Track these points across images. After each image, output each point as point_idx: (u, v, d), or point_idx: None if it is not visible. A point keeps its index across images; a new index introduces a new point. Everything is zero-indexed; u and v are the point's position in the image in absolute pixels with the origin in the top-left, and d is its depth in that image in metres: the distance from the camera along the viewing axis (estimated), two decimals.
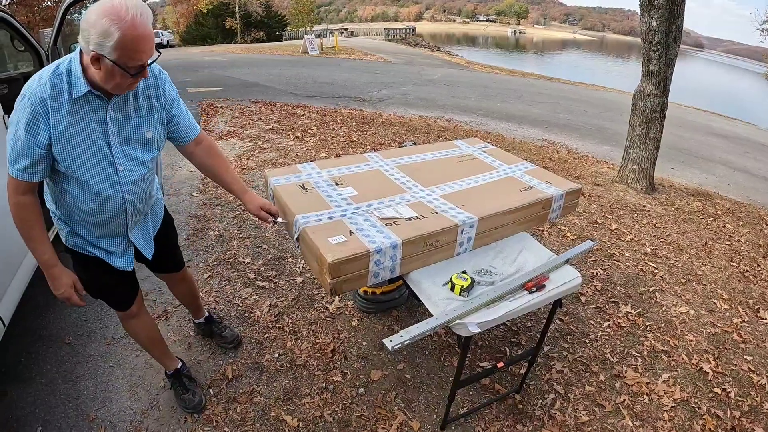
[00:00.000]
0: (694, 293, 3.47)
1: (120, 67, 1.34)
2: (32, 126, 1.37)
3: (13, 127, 1.39)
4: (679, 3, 5.04)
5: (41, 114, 1.37)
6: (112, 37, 1.28)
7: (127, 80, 1.40)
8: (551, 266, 1.93)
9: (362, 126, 7.18)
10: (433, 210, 1.97)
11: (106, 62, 1.33)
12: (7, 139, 1.42)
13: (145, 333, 2.07)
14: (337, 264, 1.59)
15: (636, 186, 5.57)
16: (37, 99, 1.36)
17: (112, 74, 1.36)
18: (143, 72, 1.41)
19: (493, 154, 2.73)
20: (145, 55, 1.37)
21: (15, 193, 1.46)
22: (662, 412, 2.39)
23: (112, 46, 1.30)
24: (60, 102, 1.39)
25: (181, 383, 2.18)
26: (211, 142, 1.90)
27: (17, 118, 1.38)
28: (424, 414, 2.21)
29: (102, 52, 1.31)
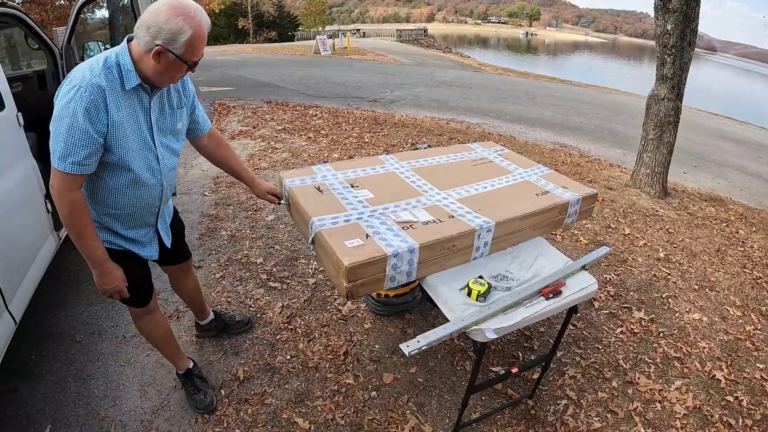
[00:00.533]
0: (707, 300, 3.44)
1: (183, 61, 1.48)
2: (93, 113, 1.41)
3: (67, 119, 1.40)
4: (693, 6, 5.00)
5: (100, 101, 1.42)
6: (186, 34, 1.42)
7: (181, 74, 1.55)
8: (568, 272, 1.92)
9: (374, 127, 7.18)
10: (450, 214, 1.97)
11: (170, 56, 1.45)
12: (55, 134, 1.43)
13: (159, 331, 2.09)
14: (354, 268, 1.59)
15: (649, 190, 5.52)
16: (95, 87, 1.41)
17: (172, 68, 1.49)
18: (194, 68, 1.55)
19: (508, 158, 2.72)
20: (201, 53, 1.52)
21: (69, 190, 1.48)
22: (674, 419, 2.37)
23: (183, 42, 1.43)
24: (114, 92, 1.47)
25: (192, 383, 2.20)
26: (220, 135, 2.04)
27: (73, 109, 1.39)
28: (437, 418, 2.21)
29: (170, 47, 1.43)
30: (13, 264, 2.11)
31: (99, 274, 1.64)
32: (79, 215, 1.52)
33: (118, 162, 1.53)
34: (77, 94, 1.40)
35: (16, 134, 2.38)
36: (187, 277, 2.31)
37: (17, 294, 2.10)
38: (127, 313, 2.69)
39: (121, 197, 1.62)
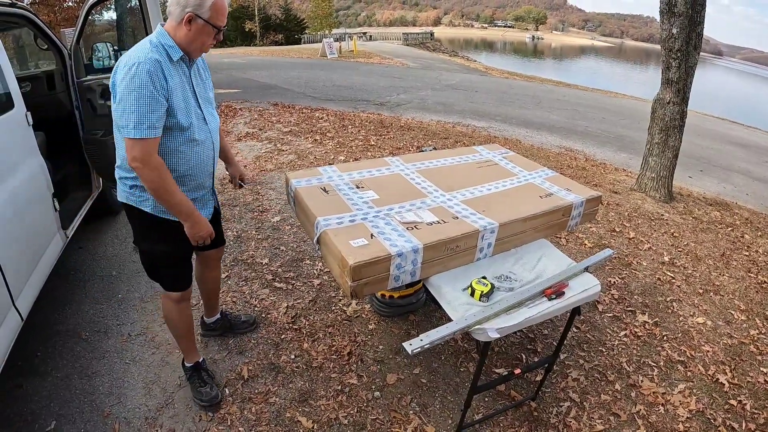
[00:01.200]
0: (712, 304, 3.44)
1: (211, 25, 1.71)
2: (156, 80, 1.62)
3: (135, 91, 1.59)
4: (699, 10, 5.01)
5: (160, 71, 1.64)
6: (209, 1, 1.67)
7: (210, 40, 1.76)
8: (570, 273, 1.93)
9: (380, 130, 7.21)
10: (454, 215, 1.99)
11: (199, 22, 1.69)
12: (125, 110, 1.60)
13: (187, 321, 2.20)
14: (358, 267, 1.61)
15: (654, 194, 5.52)
16: (153, 60, 1.63)
17: (202, 33, 1.72)
18: (220, 34, 1.78)
19: (513, 161, 2.73)
20: (225, 20, 1.76)
21: (151, 155, 1.66)
22: (677, 422, 2.37)
23: (209, 6, 1.68)
24: (166, 63, 1.68)
25: (200, 376, 2.25)
26: None
27: (138, 81, 1.59)
28: (439, 419, 2.22)
29: (198, 12, 1.67)
30: (20, 261, 2.14)
31: (192, 224, 1.84)
32: (165, 176, 1.70)
33: (176, 124, 1.73)
34: (140, 69, 1.59)
35: (25, 133, 2.42)
36: (216, 266, 2.41)
37: (24, 291, 2.13)
38: (132, 311, 2.76)
39: (181, 157, 1.81)
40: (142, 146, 1.62)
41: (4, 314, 1.92)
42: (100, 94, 3.19)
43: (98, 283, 3.04)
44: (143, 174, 1.67)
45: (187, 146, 1.81)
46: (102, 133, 3.17)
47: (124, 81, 1.60)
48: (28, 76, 3.33)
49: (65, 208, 2.78)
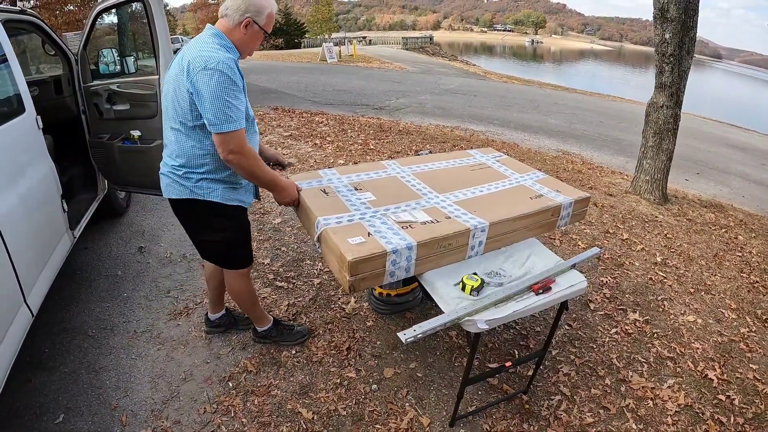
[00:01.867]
0: (703, 303, 3.51)
1: (264, 31, 1.92)
2: (236, 78, 1.79)
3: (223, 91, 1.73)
4: (692, 15, 5.10)
5: (236, 69, 1.80)
6: (267, 9, 1.89)
7: (258, 43, 1.97)
8: (558, 270, 2.02)
9: (380, 134, 7.31)
10: (447, 215, 2.08)
11: (255, 27, 1.89)
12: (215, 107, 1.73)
13: (253, 290, 2.45)
14: (356, 262, 1.71)
15: (649, 197, 5.61)
16: (232, 62, 1.78)
17: (255, 37, 1.92)
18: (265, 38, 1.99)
19: (506, 164, 2.83)
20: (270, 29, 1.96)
21: (244, 144, 1.83)
22: (666, 416, 2.44)
23: (266, 15, 1.89)
24: (237, 63, 1.85)
25: (283, 327, 2.61)
26: None
27: (224, 81, 1.73)
28: (434, 411, 2.30)
29: (256, 18, 1.86)
30: (31, 259, 2.23)
31: (280, 190, 2.07)
32: (256, 159, 1.90)
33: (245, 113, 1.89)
34: (217, 72, 1.72)
35: (35, 136, 2.51)
36: None
37: (35, 288, 2.21)
38: (138, 309, 2.86)
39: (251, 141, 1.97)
40: (238, 138, 1.79)
41: (16, 310, 2.00)
42: (106, 98, 3.26)
43: (104, 283, 3.13)
44: (241, 162, 1.84)
45: (250, 137, 1.97)
46: (108, 136, 3.26)
47: (211, 82, 1.71)
48: (36, 81, 3.42)
49: (72, 209, 2.87)
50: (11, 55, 2.37)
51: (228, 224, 2.10)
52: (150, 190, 3.45)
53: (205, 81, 1.71)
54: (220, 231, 2.10)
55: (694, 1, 5.09)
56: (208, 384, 2.35)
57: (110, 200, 3.74)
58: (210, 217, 2.05)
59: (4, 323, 1.89)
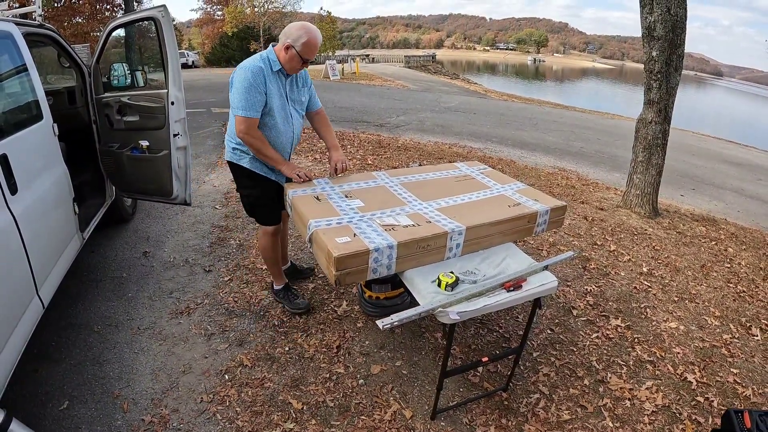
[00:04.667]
0: (686, 310, 3.59)
1: (300, 56, 2.46)
2: (258, 79, 2.41)
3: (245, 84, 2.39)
4: (679, 33, 5.22)
5: (262, 76, 2.42)
6: (303, 39, 2.42)
7: (298, 65, 2.52)
8: (530, 270, 2.18)
9: (378, 150, 7.50)
10: (428, 220, 2.25)
11: (293, 51, 2.44)
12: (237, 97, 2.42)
13: (275, 253, 2.93)
14: (341, 258, 1.89)
15: (639, 211, 5.71)
16: (257, 68, 2.42)
17: (293, 59, 2.47)
18: (306, 64, 2.55)
19: (489, 175, 3.00)
20: (312, 56, 2.50)
21: (252, 128, 2.47)
22: (643, 415, 2.53)
23: (302, 43, 2.43)
24: (267, 72, 2.45)
25: (291, 292, 3.08)
26: (326, 116, 2.97)
27: (249, 79, 2.39)
28: (417, 405, 2.44)
29: (293, 44, 2.43)
30: (44, 255, 2.40)
31: (286, 168, 2.64)
32: (262, 143, 2.51)
33: (269, 111, 2.51)
34: (245, 74, 2.40)
35: (52, 142, 2.71)
36: (286, 223, 3.19)
37: (46, 282, 2.39)
38: (142, 308, 3.04)
39: (269, 133, 2.57)
40: (246, 122, 2.43)
41: (29, 300, 2.18)
42: (117, 110, 3.44)
43: (109, 283, 3.31)
44: (247, 140, 2.48)
45: (274, 129, 2.58)
46: (118, 146, 3.45)
47: (239, 78, 2.41)
48: (51, 91, 3.58)
49: (82, 212, 3.04)
50: (32, 66, 2.56)
51: (252, 185, 2.72)
52: (155, 197, 3.63)
53: (236, 78, 2.43)
54: (247, 188, 2.76)
55: (681, 20, 5.22)
56: (206, 376, 2.51)
57: (117, 207, 3.93)
58: (241, 177, 2.74)
59: (19, 311, 2.07)
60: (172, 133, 3.31)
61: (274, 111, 2.52)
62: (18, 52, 2.48)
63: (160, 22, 3.13)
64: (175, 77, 3.23)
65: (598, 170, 8.27)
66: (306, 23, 2.52)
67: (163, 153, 3.35)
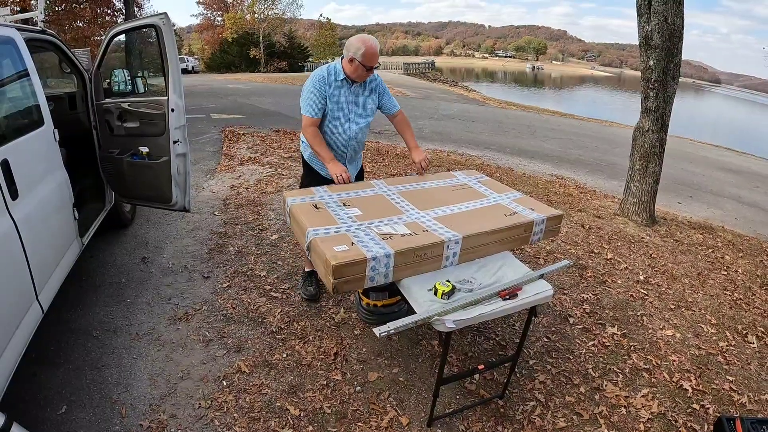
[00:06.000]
0: (682, 318, 3.61)
1: (363, 65, 2.72)
2: (320, 85, 2.78)
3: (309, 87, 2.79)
4: (676, 42, 5.26)
5: (324, 81, 2.79)
6: (362, 50, 2.68)
7: (364, 73, 2.78)
8: (526, 279, 2.20)
9: (376, 157, 7.53)
10: (425, 228, 2.28)
11: (356, 62, 2.71)
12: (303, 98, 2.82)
13: None
14: (339, 267, 1.91)
15: (636, 219, 5.73)
16: (321, 77, 2.80)
17: (358, 68, 2.74)
18: (371, 71, 2.82)
19: (486, 184, 3.03)
20: (373, 63, 2.75)
21: (311, 126, 2.82)
22: (638, 423, 2.54)
23: (362, 54, 2.69)
24: (330, 81, 2.81)
25: (311, 279, 3.34)
26: (405, 117, 3.27)
27: (313, 84, 2.79)
28: (414, 412, 2.46)
29: (355, 56, 2.70)
30: (44, 260, 2.42)
31: (331, 166, 2.82)
32: (315, 139, 2.83)
33: (328, 115, 2.85)
34: (312, 80, 2.80)
35: (52, 148, 2.73)
36: None
37: (46, 287, 2.41)
38: (140, 314, 3.07)
39: (327, 134, 2.92)
40: (306, 120, 2.82)
41: (28, 305, 2.19)
42: (117, 116, 3.46)
43: (108, 289, 3.32)
44: (304, 133, 2.86)
45: (331, 131, 2.91)
46: (118, 152, 3.47)
47: (307, 83, 2.82)
48: (52, 96, 3.56)
49: (82, 218, 3.06)
50: (33, 71, 2.58)
51: (307, 173, 3.15)
52: (155, 203, 3.65)
53: (306, 82, 2.83)
54: (305, 174, 3.20)
55: (678, 29, 5.25)
56: (204, 382, 2.52)
57: (117, 213, 3.95)
58: (305, 164, 3.16)
59: (18, 315, 2.08)
60: (171, 140, 3.34)
61: (333, 114, 2.86)
62: (20, 57, 2.50)
63: (161, 30, 3.16)
64: (175, 84, 3.26)
65: (596, 178, 8.30)
66: (362, 35, 2.77)
67: (163, 159, 3.37)
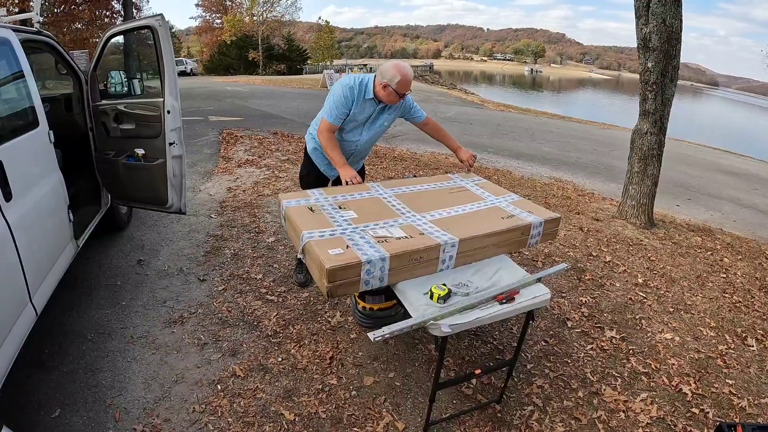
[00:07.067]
0: (681, 321, 3.59)
1: (396, 92, 2.81)
2: (347, 96, 2.84)
3: (337, 95, 2.85)
4: (674, 45, 5.25)
5: (352, 95, 2.85)
6: (397, 78, 2.76)
7: (395, 99, 2.87)
8: (523, 282, 2.18)
9: (374, 160, 7.50)
10: (421, 231, 2.25)
11: (390, 89, 2.80)
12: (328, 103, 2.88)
13: None
14: (333, 270, 1.88)
15: (635, 221, 5.71)
16: (350, 87, 2.84)
17: (390, 94, 2.83)
18: (404, 96, 2.91)
19: (483, 187, 3.01)
20: (407, 90, 2.86)
21: (329, 131, 2.91)
22: (637, 427, 2.52)
23: (396, 82, 2.77)
24: (357, 96, 2.86)
25: (302, 267, 3.47)
26: (435, 122, 3.39)
27: (340, 93, 2.84)
28: (410, 417, 2.43)
29: (390, 84, 2.78)
30: (39, 262, 2.40)
31: (343, 170, 2.89)
32: (329, 143, 2.90)
33: (345, 125, 2.97)
34: (341, 88, 2.85)
35: (47, 149, 2.71)
36: None
37: (40, 289, 2.38)
38: (135, 317, 3.04)
39: (341, 143, 3.02)
40: (325, 124, 2.89)
41: (22, 308, 2.17)
42: (113, 117, 3.44)
43: (104, 291, 3.30)
44: (321, 138, 2.94)
45: (342, 139, 3.03)
46: (114, 153, 3.44)
47: (337, 90, 2.87)
48: (48, 98, 3.54)
49: (77, 220, 3.03)
50: (29, 72, 2.56)
51: (306, 165, 3.29)
52: (151, 206, 3.62)
53: (335, 88, 2.90)
54: (304, 167, 3.34)
55: (677, 31, 5.24)
56: (199, 386, 2.50)
57: (112, 215, 3.92)
58: (306, 157, 3.29)
59: (11, 318, 2.06)
60: (167, 142, 3.32)
61: (349, 125, 2.98)
62: (15, 58, 2.48)
63: (157, 31, 3.14)
64: (171, 86, 3.24)
65: (594, 181, 8.29)
66: (398, 63, 2.85)
67: (159, 162, 3.35)
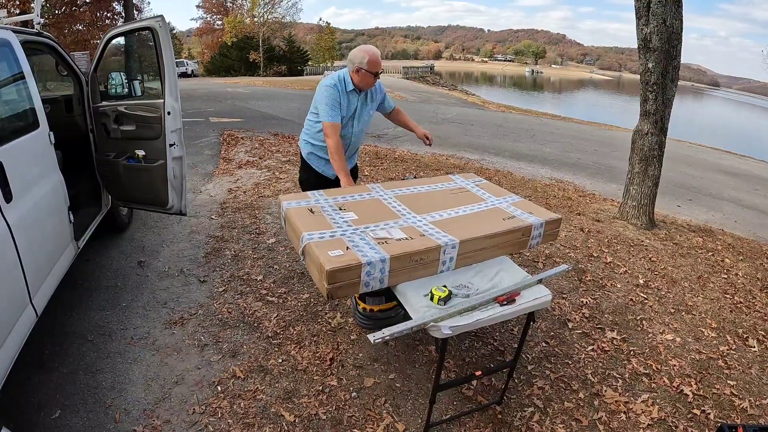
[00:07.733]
0: (682, 322, 3.58)
1: (369, 72, 2.93)
2: (336, 93, 2.92)
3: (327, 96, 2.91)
4: (675, 45, 5.24)
5: (336, 92, 2.92)
6: (366, 59, 2.89)
7: (372, 80, 2.99)
8: (524, 284, 2.18)
9: (375, 161, 7.51)
10: (422, 233, 2.25)
11: (363, 71, 2.91)
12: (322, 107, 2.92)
13: None
14: (333, 272, 1.88)
15: (636, 222, 5.70)
16: (333, 85, 2.93)
17: (365, 77, 2.95)
18: (378, 76, 3.02)
19: (484, 188, 3.00)
20: (378, 69, 2.97)
21: (335, 133, 2.91)
22: (638, 429, 2.52)
23: (366, 62, 2.89)
24: (341, 90, 2.96)
25: None
26: (399, 109, 3.53)
27: (328, 93, 2.92)
28: (410, 418, 2.43)
29: (362, 66, 2.90)
30: (39, 263, 2.40)
31: (345, 179, 2.89)
32: (339, 147, 2.90)
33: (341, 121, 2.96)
34: (326, 88, 2.92)
35: (48, 151, 2.71)
36: None
37: (40, 290, 2.39)
38: (135, 318, 3.04)
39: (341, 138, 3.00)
40: (331, 127, 2.90)
41: (22, 309, 2.17)
42: (114, 119, 3.44)
43: (104, 293, 3.30)
44: (329, 142, 2.92)
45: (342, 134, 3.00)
46: (114, 155, 3.44)
47: (322, 94, 2.94)
48: (49, 99, 3.55)
49: (78, 221, 3.04)
50: (29, 74, 2.56)
51: (304, 169, 3.29)
52: (151, 207, 3.63)
53: (320, 94, 2.96)
54: (302, 172, 3.33)
55: (677, 31, 5.24)
56: (199, 387, 2.50)
57: (113, 216, 3.92)
58: (302, 162, 3.29)
59: (12, 319, 2.06)
60: (168, 143, 3.32)
61: (344, 120, 3.04)
62: (15, 59, 2.49)
63: (158, 33, 3.14)
64: (171, 87, 3.24)
65: (595, 181, 8.28)
66: (363, 46, 2.99)
67: (159, 163, 3.35)
